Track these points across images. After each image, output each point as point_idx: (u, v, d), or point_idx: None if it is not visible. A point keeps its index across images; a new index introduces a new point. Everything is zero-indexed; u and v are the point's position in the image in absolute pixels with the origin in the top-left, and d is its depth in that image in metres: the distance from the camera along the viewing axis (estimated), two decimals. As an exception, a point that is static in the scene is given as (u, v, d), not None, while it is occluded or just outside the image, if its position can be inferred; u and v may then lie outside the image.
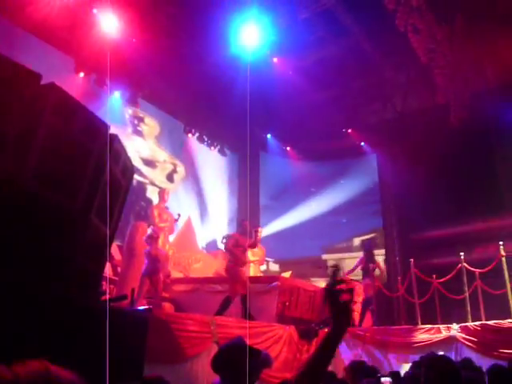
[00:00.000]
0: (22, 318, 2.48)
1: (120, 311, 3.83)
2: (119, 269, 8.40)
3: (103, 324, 3.05)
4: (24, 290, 2.55)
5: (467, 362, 4.78)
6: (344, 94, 13.59)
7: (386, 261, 13.65)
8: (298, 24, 11.21)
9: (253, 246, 8.18)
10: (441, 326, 7.91)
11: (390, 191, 14.14)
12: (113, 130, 3.18)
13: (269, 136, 15.29)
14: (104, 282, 5.84)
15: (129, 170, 3.53)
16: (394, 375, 4.57)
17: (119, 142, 3.28)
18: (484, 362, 5.13)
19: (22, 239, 2.57)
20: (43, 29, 8.83)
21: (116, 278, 8.21)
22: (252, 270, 10.15)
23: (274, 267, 14.77)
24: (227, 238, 8.34)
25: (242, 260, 7.85)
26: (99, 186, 2.96)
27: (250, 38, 10.46)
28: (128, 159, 3.49)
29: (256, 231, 8.18)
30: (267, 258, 13.20)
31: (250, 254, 9.87)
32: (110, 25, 9.31)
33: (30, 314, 2.54)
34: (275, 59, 12.11)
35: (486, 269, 8.45)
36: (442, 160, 11.81)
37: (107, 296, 5.86)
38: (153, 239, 7.57)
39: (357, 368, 4.42)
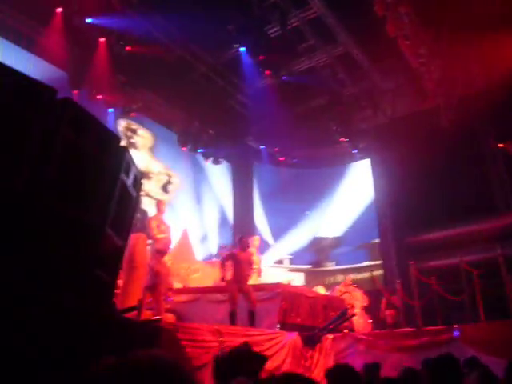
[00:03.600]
0: (39, 328, 2.50)
1: (132, 322, 3.85)
2: (120, 281, 8.37)
3: (120, 334, 3.07)
4: (41, 302, 2.56)
5: (473, 360, 4.82)
6: (336, 102, 13.74)
7: (383, 265, 13.75)
8: (287, 33, 11.37)
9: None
10: (442, 328, 7.97)
11: (384, 196, 14.27)
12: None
13: (262, 147, 15.36)
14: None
15: (138, 181, 3.57)
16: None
17: (129, 153, 3.32)
18: (487, 362, 5.18)
19: (38, 251, 2.59)
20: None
21: (117, 292, 8.18)
22: (251, 280, 10.16)
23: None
24: (225, 256, 8.38)
25: (240, 275, 7.86)
26: (113, 198, 2.99)
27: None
28: (138, 171, 3.53)
29: (250, 240, 8.30)
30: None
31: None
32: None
33: (46, 325, 2.55)
34: (267, 72, 12.24)
35: (484, 270, 8.55)
36: (435, 162, 11.95)
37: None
38: (160, 253, 7.57)
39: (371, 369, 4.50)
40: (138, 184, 3.54)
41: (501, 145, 11.75)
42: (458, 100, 12.30)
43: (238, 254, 8.09)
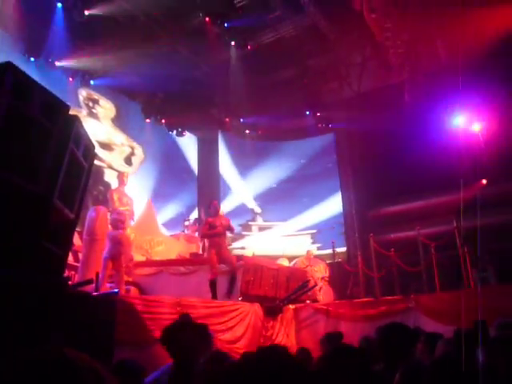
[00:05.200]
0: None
1: (86, 296, 3.79)
2: (80, 255, 8.24)
3: (70, 309, 3.02)
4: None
5: (421, 330, 5.00)
6: (302, 74, 13.66)
7: (346, 237, 14.01)
8: (254, 3, 11.14)
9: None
10: (398, 298, 8.24)
11: (348, 169, 14.44)
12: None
13: (227, 119, 15.19)
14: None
15: (90, 152, 3.46)
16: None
17: (80, 123, 3.20)
18: (441, 330, 5.39)
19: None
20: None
21: (77, 264, 8.06)
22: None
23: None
24: (202, 227, 8.29)
25: (217, 241, 7.85)
26: (61, 169, 2.89)
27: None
28: (89, 141, 3.42)
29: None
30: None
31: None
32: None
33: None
34: (232, 42, 12.03)
35: (441, 241, 8.83)
36: (398, 137, 12.11)
37: (70, 282, 5.77)
38: (119, 222, 7.45)
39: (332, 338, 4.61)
40: (89, 155, 3.43)
41: (459, 120, 12.02)
42: (423, 75, 12.44)
43: (212, 220, 8.03)
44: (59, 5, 10.00)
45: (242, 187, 16.00)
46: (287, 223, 15.62)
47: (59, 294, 3.02)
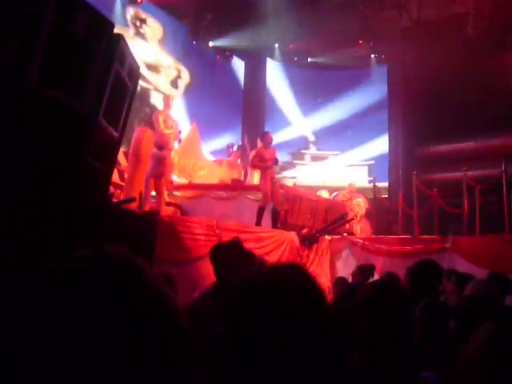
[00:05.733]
0: (37, 215, 2.59)
1: (129, 212, 3.99)
2: (125, 175, 8.53)
3: (114, 223, 3.19)
4: (36, 190, 2.63)
5: (454, 271, 5.01)
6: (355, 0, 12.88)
7: (389, 173, 13.80)
8: None
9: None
10: (436, 237, 8.19)
11: (398, 103, 13.92)
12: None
13: (276, 45, 14.69)
14: (112, 187, 5.97)
15: (135, 72, 3.48)
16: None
17: (125, 42, 3.20)
18: (476, 273, 5.37)
19: (30, 139, 2.60)
20: None
21: (123, 184, 8.37)
22: (256, 179, 10.30)
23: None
24: (253, 157, 8.22)
25: (268, 175, 7.86)
26: (106, 88, 2.94)
27: None
28: (134, 61, 3.43)
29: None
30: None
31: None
32: None
33: (44, 212, 2.64)
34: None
35: (487, 184, 8.57)
36: (455, 74, 11.45)
37: (115, 199, 6.04)
38: (163, 143, 7.63)
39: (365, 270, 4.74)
40: (134, 75, 3.46)
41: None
42: (489, 6, 11.45)
43: (263, 152, 7.98)
44: None
45: (295, 117, 15.79)
46: (343, 155, 15.42)
47: (101, 208, 3.19)
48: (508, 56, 11.84)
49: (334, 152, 15.71)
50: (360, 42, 13.70)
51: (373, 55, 13.95)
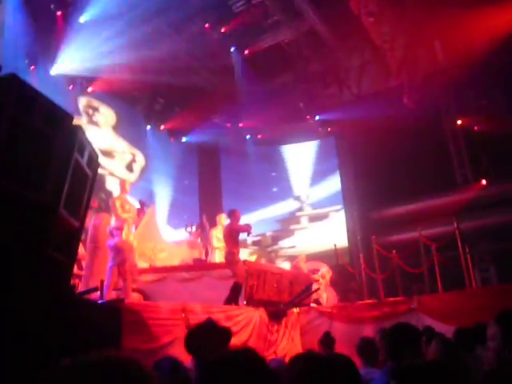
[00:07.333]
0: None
1: (93, 303, 3.83)
2: (83, 263, 8.27)
3: (79, 315, 3.05)
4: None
5: (429, 329, 5.03)
6: (301, 79, 13.74)
7: (348, 239, 14.04)
8: (252, 8, 11.24)
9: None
10: (401, 299, 8.25)
11: (349, 172, 14.49)
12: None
13: (228, 124, 15.25)
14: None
15: (94, 160, 3.50)
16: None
17: (83, 132, 3.25)
18: (444, 330, 5.41)
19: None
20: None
21: (81, 273, 8.08)
22: (217, 256, 10.21)
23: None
24: (226, 231, 8.18)
25: (238, 248, 7.83)
26: (66, 178, 2.93)
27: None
28: (93, 150, 3.46)
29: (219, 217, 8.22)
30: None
31: (215, 241, 9.90)
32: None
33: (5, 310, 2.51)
34: (232, 48, 12.11)
35: (442, 242, 8.86)
36: (398, 139, 12.15)
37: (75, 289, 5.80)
38: (118, 230, 7.48)
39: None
40: (93, 163, 3.48)
41: (460, 122, 12.06)
42: (422, 78, 12.49)
43: (236, 226, 7.90)
44: (59, 13, 10.07)
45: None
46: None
47: (66, 302, 3.06)
48: (444, 122, 12.77)
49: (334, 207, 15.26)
50: (307, 117, 14.43)
51: (320, 129, 14.65)
